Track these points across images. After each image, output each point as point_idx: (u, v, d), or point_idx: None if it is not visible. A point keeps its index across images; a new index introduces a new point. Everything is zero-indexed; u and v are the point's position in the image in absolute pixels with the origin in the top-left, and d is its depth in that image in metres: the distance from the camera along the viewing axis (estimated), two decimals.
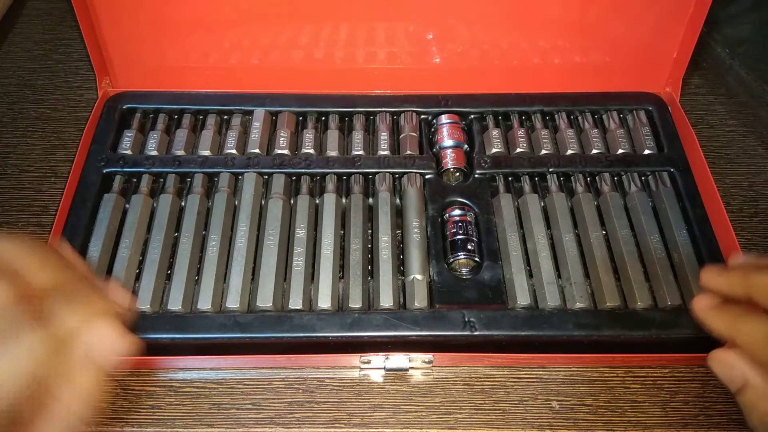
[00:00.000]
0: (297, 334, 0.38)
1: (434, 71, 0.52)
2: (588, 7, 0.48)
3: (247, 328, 0.38)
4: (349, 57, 0.50)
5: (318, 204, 0.44)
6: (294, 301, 0.39)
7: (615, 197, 0.44)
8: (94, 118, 0.48)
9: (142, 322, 0.38)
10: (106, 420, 0.38)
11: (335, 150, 0.47)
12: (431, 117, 0.49)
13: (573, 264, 0.41)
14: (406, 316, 0.39)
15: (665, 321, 0.38)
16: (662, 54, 0.50)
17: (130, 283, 0.40)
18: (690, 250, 0.41)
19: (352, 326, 0.38)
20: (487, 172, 0.45)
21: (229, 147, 0.46)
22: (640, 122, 0.48)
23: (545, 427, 0.38)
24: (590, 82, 0.51)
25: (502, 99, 0.50)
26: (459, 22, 0.49)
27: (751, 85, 0.55)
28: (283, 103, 0.49)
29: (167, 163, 0.45)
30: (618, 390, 0.39)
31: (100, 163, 0.45)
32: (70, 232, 0.41)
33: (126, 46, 0.49)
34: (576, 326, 0.38)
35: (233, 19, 0.48)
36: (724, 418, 0.38)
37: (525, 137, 0.47)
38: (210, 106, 0.49)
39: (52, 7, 0.61)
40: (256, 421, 0.38)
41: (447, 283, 0.40)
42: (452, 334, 0.38)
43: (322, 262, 0.41)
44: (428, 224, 0.43)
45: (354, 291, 0.40)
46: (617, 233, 0.42)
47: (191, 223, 0.42)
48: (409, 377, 0.40)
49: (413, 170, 0.45)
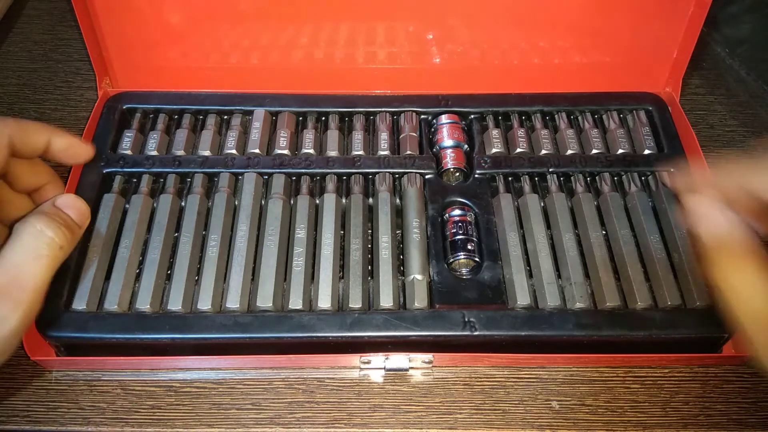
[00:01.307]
0: (297, 334, 0.38)
1: (434, 71, 0.52)
2: (588, 7, 0.48)
3: (247, 328, 0.38)
4: (349, 57, 0.50)
5: (318, 204, 0.44)
6: (294, 301, 0.39)
7: (615, 197, 0.44)
8: (94, 118, 0.48)
9: (142, 322, 0.38)
10: (106, 420, 0.38)
11: (335, 150, 0.47)
12: (431, 117, 0.49)
13: (573, 264, 0.41)
14: (406, 316, 0.39)
15: (665, 321, 0.38)
16: (662, 54, 0.50)
17: (130, 284, 0.40)
18: (690, 250, 0.41)
19: (352, 326, 0.38)
20: (487, 172, 0.45)
21: (229, 147, 0.46)
22: (640, 122, 0.48)
23: (545, 427, 0.38)
24: (590, 82, 0.51)
25: (502, 99, 0.49)
26: (459, 22, 0.49)
27: (751, 85, 0.55)
28: (283, 103, 0.49)
29: (167, 163, 0.45)
30: (618, 390, 0.39)
31: (99, 164, 0.45)
32: None
33: (126, 46, 0.49)
34: (576, 326, 0.38)
35: (233, 20, 0.48)
36: (724, 418, 0.38)
37: (525, 137, 0.47)
38: (210, 106, 0.49)
39: (52, 7, 0.61)
40: (256, 421, 0.38)
41: (447, 283, 0.40)
42: (452, 334, 0.38)
43: (322, 262, 0.41)
44: (428, 224, 0.43)
45: (354, 291, 0.40)
46: (617, 233, 0.42)
47: (191, 223, 0.42)
48: (409, 377, 0.40)
49: (413, 170, 0.45)
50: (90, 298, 0.39)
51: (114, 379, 0.39)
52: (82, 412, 0.38)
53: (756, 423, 0.38)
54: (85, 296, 0.39)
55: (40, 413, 0.38)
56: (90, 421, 0.38)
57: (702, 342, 0.40)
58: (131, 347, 0.39)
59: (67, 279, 0.39)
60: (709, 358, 0.40)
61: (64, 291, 0.39)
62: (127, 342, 0.38)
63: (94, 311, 0.39)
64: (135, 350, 0.39)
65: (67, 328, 0.38)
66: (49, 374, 0.39)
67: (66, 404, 0.38)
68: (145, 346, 0.39)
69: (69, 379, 0.39)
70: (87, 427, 0.38)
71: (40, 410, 0.38)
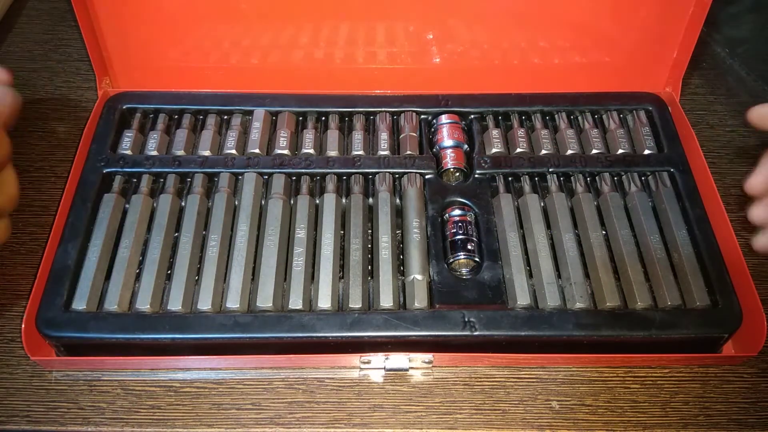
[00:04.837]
0: (297, 334, 0.38)
1: (434, 71, 0.52)
2: (588, 6, 0.48)
3: (248, 329, 0.38)
4: (349, 57, 0.50)
5: (318, 204, 0.44)
6: (294, 301, 0.39)
7: (615, 197, 0.44)
8: (94, 118, 0.48)
9: (142, 322, 0.38)
10: (106, 420, 0.38)
11: (335, 150, 0.47)
12: (431, 117, 0.49)
13: (573, 264, 0.41)
14: (406, 316, 0.39)
15: (665, 321, 0.38)
16: (662, 54, 0.50)
17: (130, 284, 0.40)
18: (690, 250, 0.41)
19: (352, 326, 0.38)
20: (487, 172, 0.45)
21: (229, 147, 0.46)
22: (640, 122, 0.48)
23: (545, 427, 0.38)
24: (590, 81, 0.51)
25: (502, 99, 0.49)
26: (459, 22, 0.49)
27: (751, 85, 0.55)
28: (283, 103, 0.49)
29: (167, 164, 0.45)
30: (618, 390, 0.39)
31: (100, 164, 0.45)
32: (70, 233, 0.41)
33: (126, 46, 0.49)
34: (576, 326, 0.38)
35: (233, 19, 0.48)
36: (724, 418, 0.38)
37: (525, 137, 0.47)
38: (210, 106, 0.49)
39: (52, 7, 0.61)
40: (256, 421, 0.38)
41: (447, 283, 0.40)
42: (452, 334, 0.38)
43: (322, 262, 0.41)
44: (428, 224, 0.43)
45: (354, 291, 0.40)
46: (617, 233, 0.42)
47: (191, 223, 0.42)
48: (409, 377, 0.40)
49: (413, 170, 0.45)
50: (90, 298, 0.39)
51: (114, 379, 0.39)
52: (82, 412, 0.38)
53: (756, 423, 0.38)
54: (85, 296, 0.39)
55: (40, 413, 0.38)
56: (90, 421, 0.38)
57: (702, 342, 0.40)
58: (131, 347, 0.39)
59: (66, 279, 0.39)
60: (708, 358, 0.40)
61: (64, 291, 0.39)
62: (127, 342, 0.38)
63: (94, 311, 0.39)
64: (135, 350, 0.39)
65: (67, 328, 0.38)
66: (49, 374, 0.39)
67: (66, 404, 0.38)
68: (145, 346, 0.39)
69: (69, 379, 0.39)
70: (87, 427, 0.38)
71: (40, 410, 0.38)
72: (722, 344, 0.40)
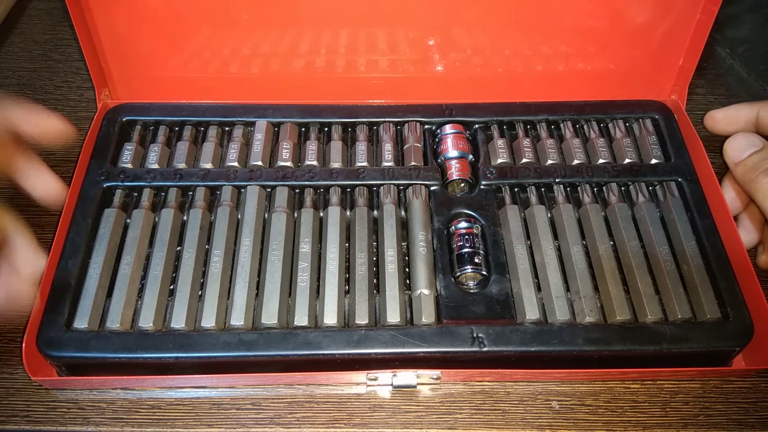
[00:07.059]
0: (303, 351, 0.37)
1: (437, 80, 0.51)
2: (593, 14, 0.47)
3: (252, 346, 0.37)
4: (351, 66, 0.50)
5: (322, 217, 0.43)
6: (299, 317, 0.39)
7: (623, 208, 0.43)
8: (94, 130, 0.47)
9: (144, 340, 0.37)
10: (106, 420, 0.37)
11: (339, 162, 0.46)
12: (435, 127, 0.48)
13: (582, 277, 0.40)
14: (414, 333, 0.38)
15: (676, 335, 0.38)
16: (668, 61, 0.49)
17: (132, 301, 0.39)
18: (699, 261, 0.41)
19: (359, 343, 0.37)
20: (493, 183, 0.45)
21: (230, 159, 0.46)
22: (646, 131, 0.48)
23: (545, 427, 0.38)
24: (595, 90, 0.50)
25: (507, 108, 0.49)
26: (462, 30, 0.48)
27: (751, 85, 0.55)
28: (285, 114, 0.48)
29: (168, 177, 0.45)
30: (618, 390, 0.39)
31: (100, 178, 0.44)
32: (71, 249, 0.40)
33: (125, 57, 0.48)
34: (586, 341, 0.38)
35: (234, 29, 0.48)
36: (724, 418, 0.38)
37: (530, 147, 0.47)
38: (211, 118, 0.48)
39: (52, 7, 0.61)
40: (256, 421, 0.37)
41: (454, 297, 0.40)
42: (461, 350, 0.37)
43: (327, 277, 0.40)
44: (434, 237, 0.42)
45: (360, 307, 0.39)
46: (626, 245, 0.42)
47: (194, 238, 0.42)
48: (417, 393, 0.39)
49: (418, 182, 0.45)
50: (91, 317, 0.38)
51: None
52: (82, 412, 0.38)
53: (756, 423, 0.38)
54: (87, 314, 0.38)
55: (40, 413, 0.38)
56: (90, 421, 0.37)
57: (712, 355, 0.39)
58: (134, 366, 0.38)
59: (67, 297, 0.39)
60: (719, 371, 0.40)
61: (65, 309, 0.38)
62: (130, 361, 0.37)
63: (96, 330, 0.38)
64: (138, 369, 0.38)
65: (68, 348, 0.37)
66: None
67: (66, 404, 0.38)
68: (148, 365, 0.38)
69: None
70: (87, 427, 0.37)
71: (40, 410, 0.38)
72: (733, 357, 0.40)
